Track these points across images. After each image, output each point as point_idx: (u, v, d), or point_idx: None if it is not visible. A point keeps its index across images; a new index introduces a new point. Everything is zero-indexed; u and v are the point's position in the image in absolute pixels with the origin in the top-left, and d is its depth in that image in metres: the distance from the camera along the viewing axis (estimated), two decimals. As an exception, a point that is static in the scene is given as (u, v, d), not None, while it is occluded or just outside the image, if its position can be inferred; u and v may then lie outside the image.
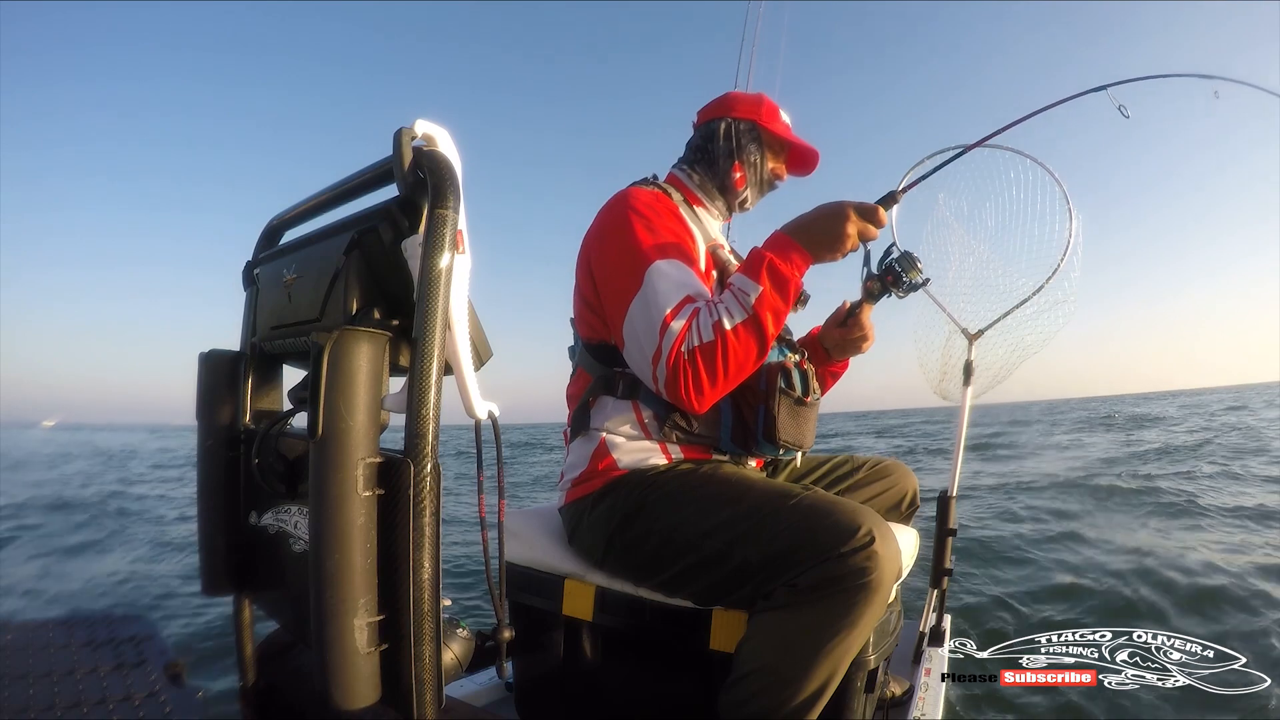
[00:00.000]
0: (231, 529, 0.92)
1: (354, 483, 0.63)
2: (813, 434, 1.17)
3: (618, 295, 1.05)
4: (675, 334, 0.97)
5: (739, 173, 1.26)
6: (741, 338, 0.96)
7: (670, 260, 1.04)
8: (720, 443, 1.11)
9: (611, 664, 1.12)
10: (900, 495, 1.36)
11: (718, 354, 0.96)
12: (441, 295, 0.64)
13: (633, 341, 1.02)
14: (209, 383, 0.92)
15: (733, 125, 1.26)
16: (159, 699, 0.99)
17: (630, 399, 1.11)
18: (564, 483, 1.17)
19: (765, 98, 1.29)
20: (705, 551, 0.97)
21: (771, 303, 0.97)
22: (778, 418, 1.08)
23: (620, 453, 1.10)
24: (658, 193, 1.17)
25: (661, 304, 1.00)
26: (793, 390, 1.10)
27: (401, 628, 0.63)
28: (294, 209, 0.95)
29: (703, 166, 1.29)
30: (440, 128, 0.70)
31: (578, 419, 1.16)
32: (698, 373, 0.96)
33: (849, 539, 0.87)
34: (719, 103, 1.31)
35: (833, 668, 0.90)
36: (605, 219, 1.13)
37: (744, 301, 0.97)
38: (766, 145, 1.28)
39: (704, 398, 0.99)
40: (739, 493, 1.00)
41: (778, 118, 1.28)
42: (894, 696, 1.47)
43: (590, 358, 1.16)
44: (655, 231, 1.07)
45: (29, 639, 1.19)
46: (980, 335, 1.92)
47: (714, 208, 1.29)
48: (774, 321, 0.98)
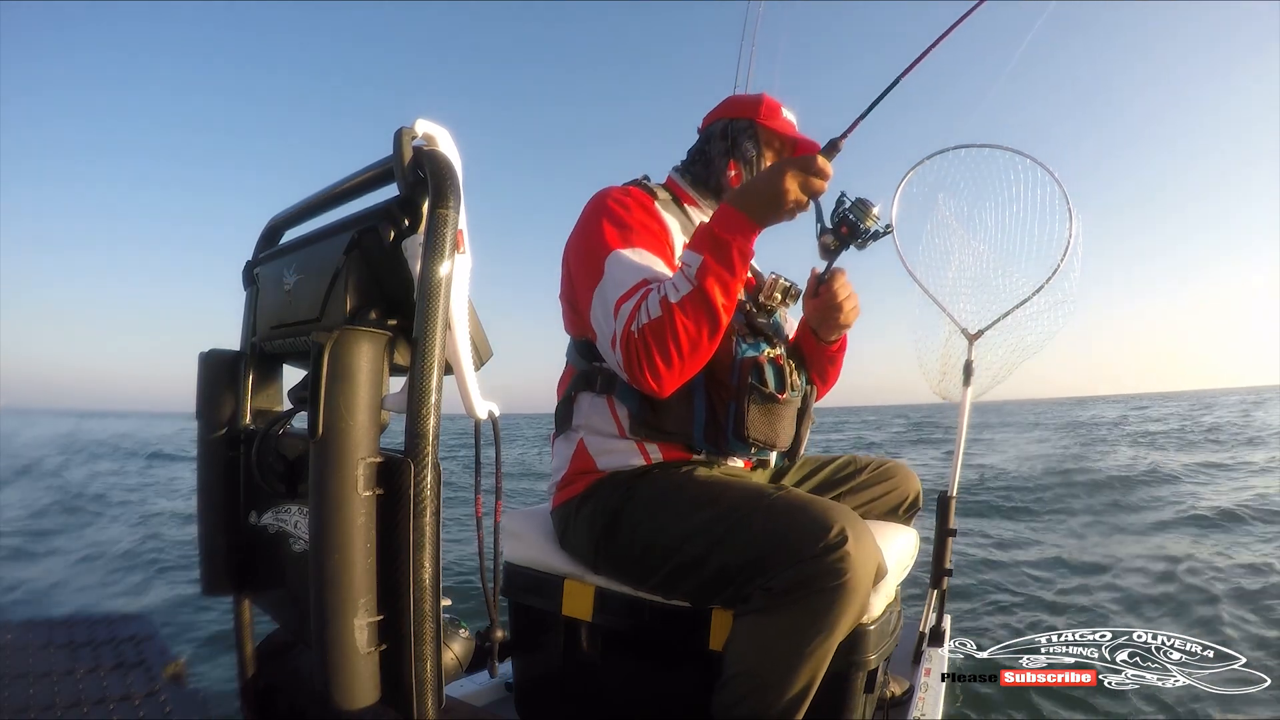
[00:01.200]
0: (231, 529, 0.92)
1: (354, 483, 0.62)
2: (788, 433, 1.13)
3: (585, 287, 1.06)
4: (626, 314, 0.96)
5: (734, 170, 1.25)
6: (689, 310, 0.93)
7: (632, 248, 1.04)
8: (693, 440, 1.10)
9: (611, 664, 1.12)
10: (903, 497, 1.36)
11: (665, 329, 0.93)
12: (442, 295, 0.64)
13: (598, 329, 1.03)
14: (209, 382, 0.92)
15: (729, 125, 1.26)
16: (159, 699, 0.99)
17: (606, 394, 1.11)
18: (550, 486, 1.18)
19: (766, 96, 1.28)
20: (686, 556, 0.97)
21: (716, 272, 0.94)
22: (747, 414, 1.06)
23: (599, 454, 1.10)
24: (629, 187, 1.18)
25: (616, 288, 1.00)
26: (764, 386, 1.08)
27: (401, 628, 0.63)
28: (294, 208, 0.94)
29: (699, 167, 1.29)
30: (441, 127, 0.70)
31: (560, 415, 1.18)
32: (649, 351, 0.94)
33: (821, 539, 0.86)
34: (719, 106, 1.31)
35: (813, 669, 0.89)
36: (580, 218, 1.15)
37: (687, 273, 0.95)
38: (764, 142, 1.26)
39: (661, 379, 0.96)
40: (714, 495, 0.99)
41: (778, 115, 1.27)
42: (894, 696, 1.47)
43: (575, 353, 1.18)
44: (621, 224, 1.07)
45: (29, 639, 1.19)
46: (980, 335, 1.92)
47: (707, 207, 1.28)
48: (722, 292, 0.94)
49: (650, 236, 1.09)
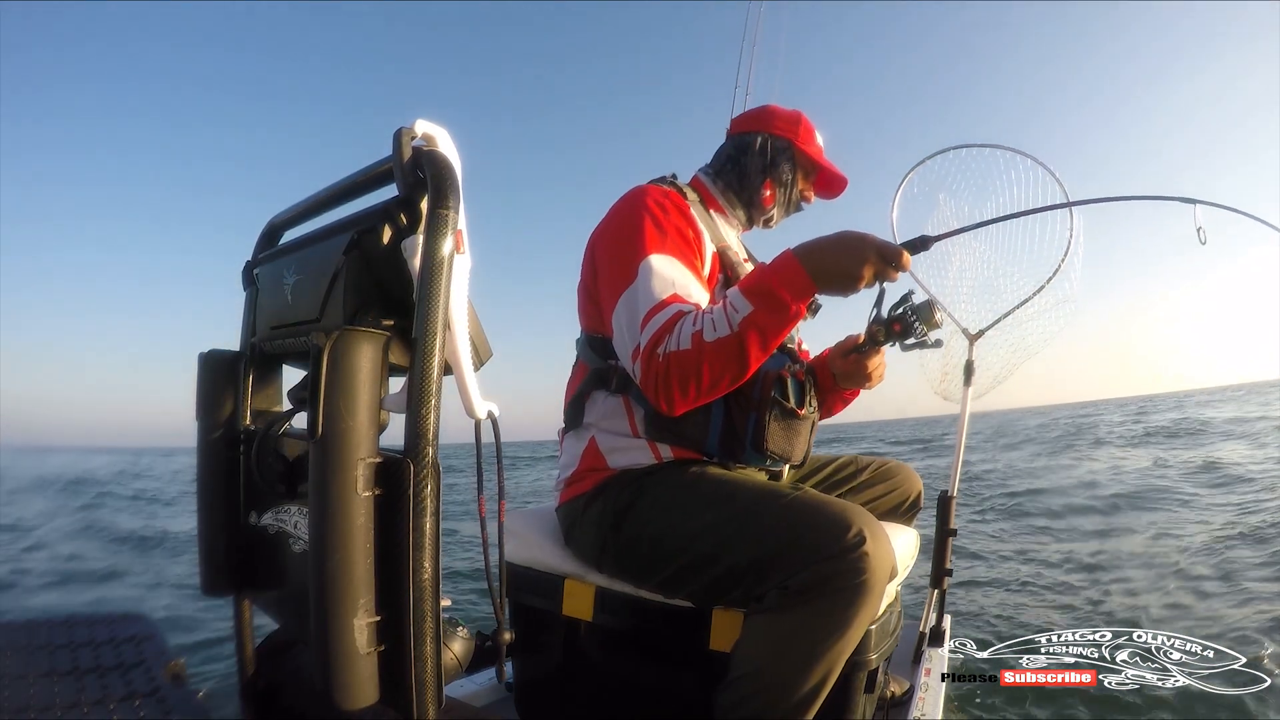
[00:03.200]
0: (231, 529, 0.92)
1: (354, 483, 0.63)
2: (804, 448, 1.13)
3: (611, 285, 1.04)
4: (652, 332, 0.95)
5: (769, 190, 1.25)
6: (721, 355, 0.92)
7: (666, 256, 1.03)
8: (708, 447, 1.09)
9: (611, 664, 1.12)
10: (904, 497, 1.36)
11: (690, 365, 0.92)
12: (441, 295, 0.64)
13: (619, 333, 1.02)
14: (208, 383, 0.92)
15: (769, 141, 1.25)
16: (159, 699, 0.99)
17: (622, 394, 1.10)
18: (558, 483, 1.17)
19: (803, 117, 1.27)
20: (695, 554, 0.96)
21: (761, 324, 0.92)
22: (768, 427, 1.05)
23: (610, 452, 1.09)
24: (670, 191, 1.16)
25: (647, 299, 0.98)
26: (786, 400, 1.07)
27: (401, 628, 0.63)
28: (294, 209, 0.95)
29: (732, 177, 1.27)
30: (440, 127, 0.70)
31: (571, 412, 1.16)
32: (669, 378, 0.93)
33: (840, 540, 0.86)
34: (756, 115, 1.29)
35: (827, 669, 0.89)
36: (614, 212, 1.13)
37: (731, 318, 0.92)
38: (801, 166, 1.26)
39: (674, 405, 0.96)
40: (728, 494, 0.99)
41: (813, 139, 1.27)
42: (894, 696, 1.47)
43: (589, 349, 1.16)
44: (659, 227, 1.06)
45: (29, 639, 1.20)
46: (981, 335, 1.92)
47: (734, 216, 1.28)
48: (760, 343, 0.93)
49: (685, 245, 1.07)
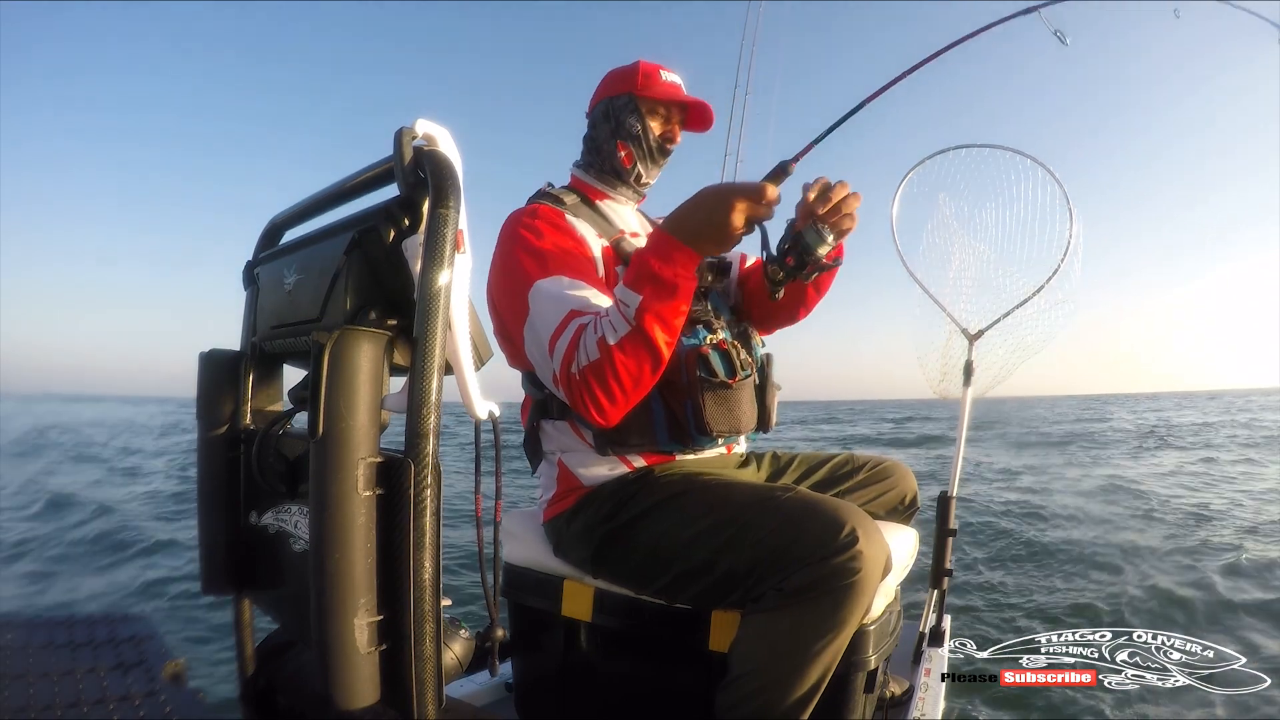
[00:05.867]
0: (231, 529, 0.92)
1: (354, 482, 0.62)
2: (750, 414, 1.11)
3: (515, 322, 1.03)
4: (561, 354, 0.94)
5: (623, 151, 1.21)
6: (629, 351, 0.89)
7: (551, 276, 1.01)
8: (659, 444, 1.08)
9: (611, 664, 1.12)
10: (900, 496, 1.36)
11: (607, 371, 0.90)
12: (442, 295, 0.64)
13: (536, 366, 1.02)
14: (209, 382, 0.92)
15: (609, 104, 1.22)
16: (159, 699, 0.99)
17: (565, 419, 1.11)
18: (540, 503, 1.18)
19: (642, 62, 1.22)
20: (692, 561, 0.97)
21: (655, 309, 0.89)
22: (705, 409, 1.04)
23: (583, 470, 1.10)
24: (535, 207, 1.14)
25: (545, 326, 0.97)
26: (714, 376, 1.05)
27: (401, 628, 0.63)
28: (294, 208, 0.95)
29: (594, 157, 1.25)
30: (441, 127, 0.70)
31: (530, 446, 1.18)
32: (594, 392, 0.92)
33: (834, 539, 0.87)
34: (598, 86, 1.26)
35: (823, 668, 0.90)
36: (495, 251, 1.11)
37: (625, 313, 0.90)
38: (648, 113, 1.22)
39: (607, 415, 0.94)
40: (721, 498, 0.99)
41: (657, 80, 1.21)
42: (894, 696, 1.47)
43: (528, 382, 1.16)
44: (535, 252, 1.04)
45: (29, 639, 1.19)
46: (980, 335, 1.92)
47: (620, 195, 1.26)
48: (662, 328, 0.90)
49: (567, 257, 1.05)
